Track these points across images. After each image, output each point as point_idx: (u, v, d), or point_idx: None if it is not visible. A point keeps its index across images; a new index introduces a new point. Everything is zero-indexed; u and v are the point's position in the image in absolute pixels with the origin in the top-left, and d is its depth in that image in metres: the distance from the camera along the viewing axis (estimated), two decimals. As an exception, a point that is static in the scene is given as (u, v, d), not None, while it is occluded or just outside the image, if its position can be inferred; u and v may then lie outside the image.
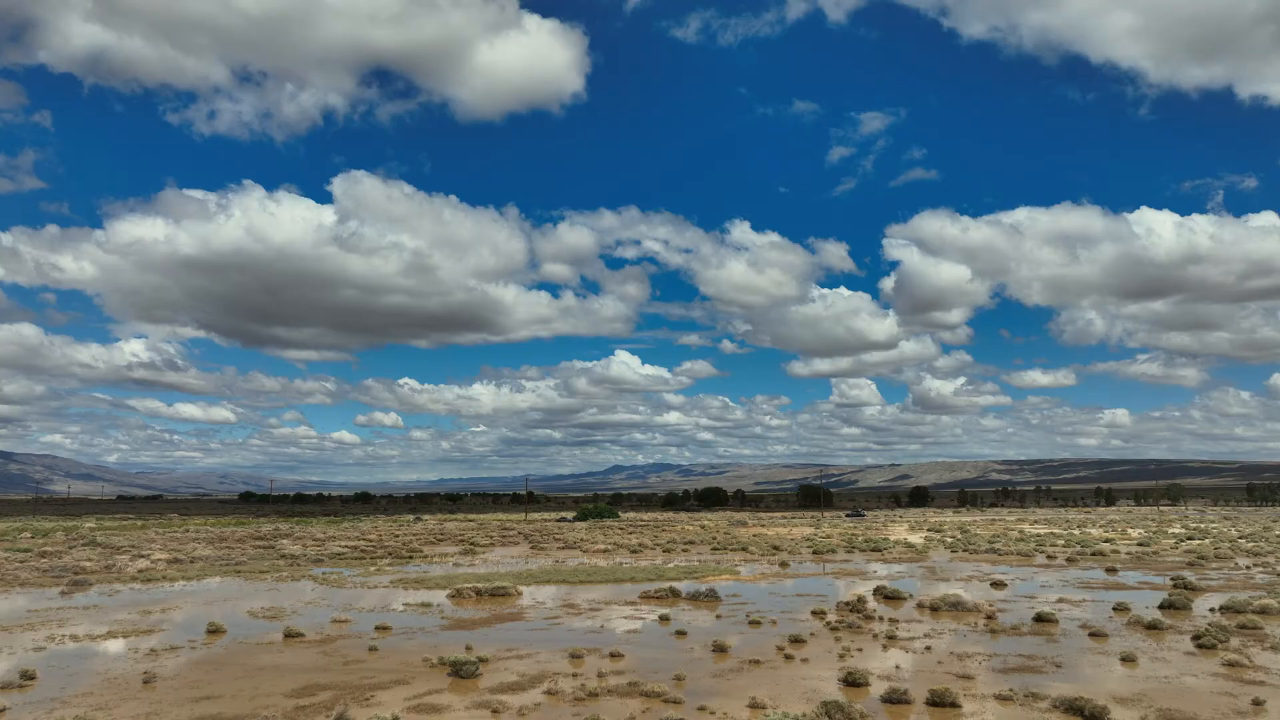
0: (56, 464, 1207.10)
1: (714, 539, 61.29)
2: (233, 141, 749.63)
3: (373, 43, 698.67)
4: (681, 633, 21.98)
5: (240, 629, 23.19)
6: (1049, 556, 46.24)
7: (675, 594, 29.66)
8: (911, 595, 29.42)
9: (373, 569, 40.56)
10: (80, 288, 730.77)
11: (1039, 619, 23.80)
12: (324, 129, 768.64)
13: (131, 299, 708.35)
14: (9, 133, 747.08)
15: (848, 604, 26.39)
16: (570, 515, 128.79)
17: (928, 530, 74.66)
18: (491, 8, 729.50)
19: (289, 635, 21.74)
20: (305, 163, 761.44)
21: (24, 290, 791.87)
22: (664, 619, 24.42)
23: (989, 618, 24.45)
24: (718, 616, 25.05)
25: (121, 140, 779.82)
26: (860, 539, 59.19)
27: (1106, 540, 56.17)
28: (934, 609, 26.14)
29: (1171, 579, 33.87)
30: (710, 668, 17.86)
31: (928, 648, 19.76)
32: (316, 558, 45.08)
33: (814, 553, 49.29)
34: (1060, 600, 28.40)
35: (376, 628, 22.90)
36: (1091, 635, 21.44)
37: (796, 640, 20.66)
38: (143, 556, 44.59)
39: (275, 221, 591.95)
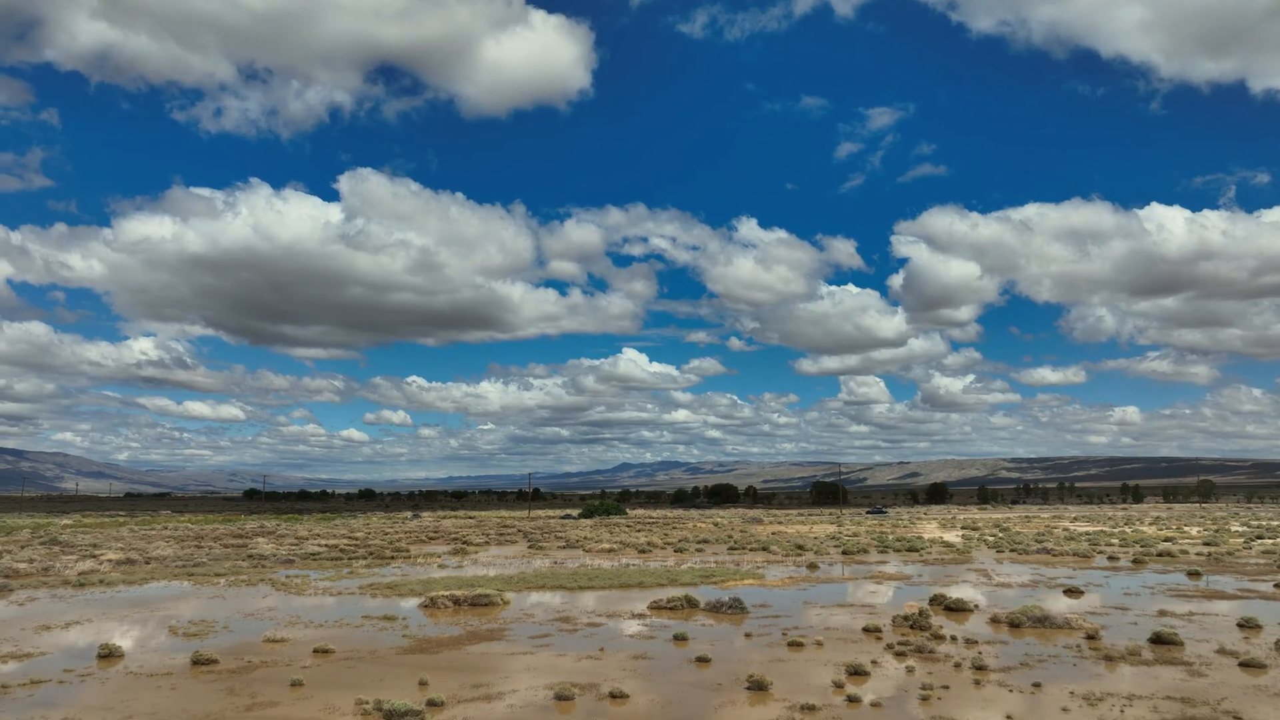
0: (67, 462, 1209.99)
1: (730, 538, 56.29)
2: (239, 139, 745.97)
3: (378, 39, 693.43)
4: (703, 659, 17.02)
5: (144, 652, 18.34)
6: (1110, 558, 41.08)
7: (692, 604, 24.71)
8: (978, 606, 24.41)
9: (345, 571, 35.75)
10: (89, 286, 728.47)
11: (1158, 640, 18.74)
12: (330, 126, 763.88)
13: (140, 297, 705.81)
14: (16, 131, 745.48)
15: (905, 618, 21.38)
16: (574, 512, 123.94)
17: (962, 528, 69.49)
18: (497, 3, 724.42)
19: (199, 662, 16.88)
20: (312, 160, 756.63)
21: (33, 289, 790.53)
22: (680, 638, 19.47)
23: (1090, 637, 19.41)
24: (747, 635, 20.07)
25: (128, 138, 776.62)
26: (891, 538, 54.07)
27: (1167, 539, 50.92)
28: (1014, 625, 21.12)
29: (1277, 585, 28.78)
30: (748, 717, 12.92)
31: (1036, 684, 14.76)
32: (287, 558, 40.31)
33: (843, 553, 44.25)
34: (1162, 613, 23.32)
35: (315, 651, 18.02)
36: (1243, 666, 16.38)
37: (857, 672, 15.69)
38: (92, 557, 39.91)
39: (282, 219, 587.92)
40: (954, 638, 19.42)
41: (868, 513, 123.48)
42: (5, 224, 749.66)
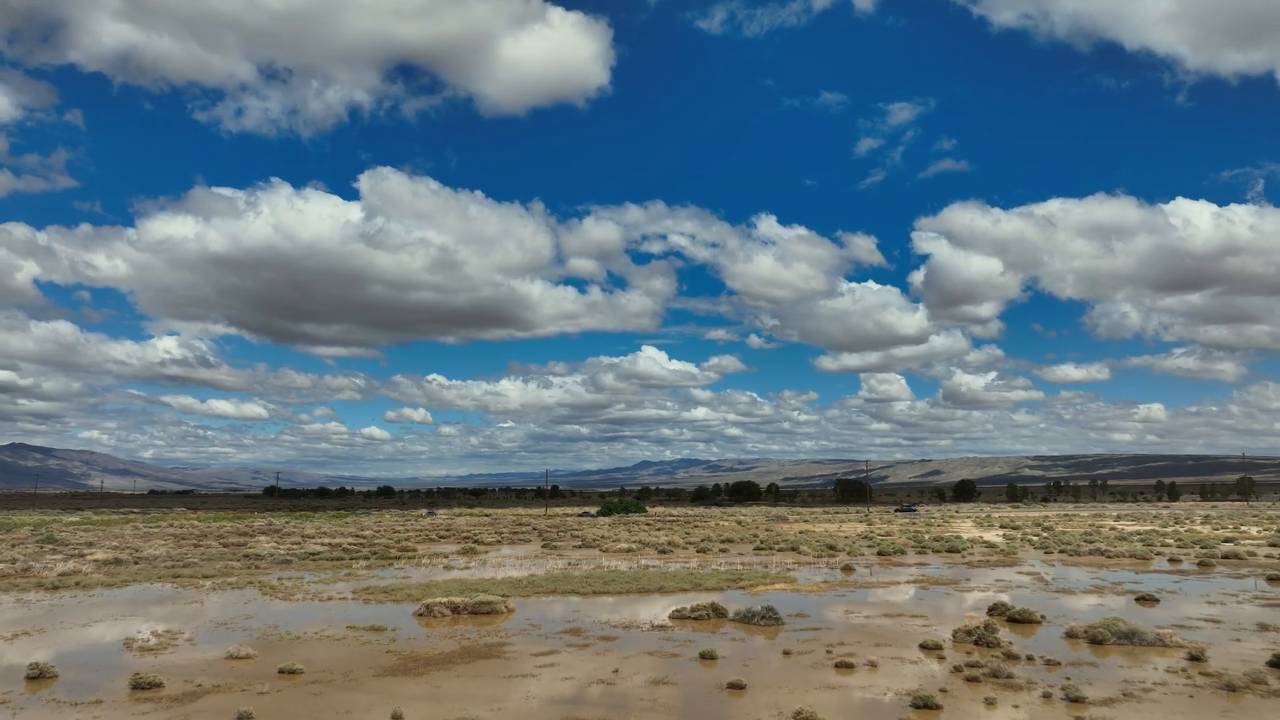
0: (94, 459, 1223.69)
1: (755, 537, 53.38)
2: (260, 139, 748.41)
3: (397, 37, 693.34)
4: (737, 686, 14.23)
5: (83, 672, 15.79)
6: (1171, 559, 37.81)
7: (719, 612, 21.89)
8: (1045, 617, 21.44)
9: (343, 574, 33.23)
10: (114, 285, 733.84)
11: (1277, 664, 15.72)
12: (350, 125, 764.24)
13: (163, 296, 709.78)
14: (42, 132, 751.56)
15: (968, 632, 18.46)
16: (592, 510, 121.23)
17: (1000, 527, 66.13)
18: (515, 1, 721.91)
19: (140, 686, 14.30)
20: (332, 159, 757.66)
21: (60, 288, 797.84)
22: (707, 657, 16.67)
23: (1194, 658, 16.42)
24: (785, 653, 17.23)
25: (151, 139, 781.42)
26: (927, 537, 50.94)
27: (1227, 539, 47.46)
28: (1095, 641, 18.14)
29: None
30: (800, 772, 10.11)
31: (1155, 725, 11.85)
32: (285, 558, 37.90)
33: (879, 554, 41.23)
34: (1263, 627, 20.23)
35: (281, 672, 15.39)
36: (1403, 698, 13.37)
37: (926, 705, 12.85)
38: (80, 557, 37.70)
39: (303, 218, 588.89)
40: (1030, 657, 16.50)
41: (897, 510, 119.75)
42: (32, 224, 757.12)
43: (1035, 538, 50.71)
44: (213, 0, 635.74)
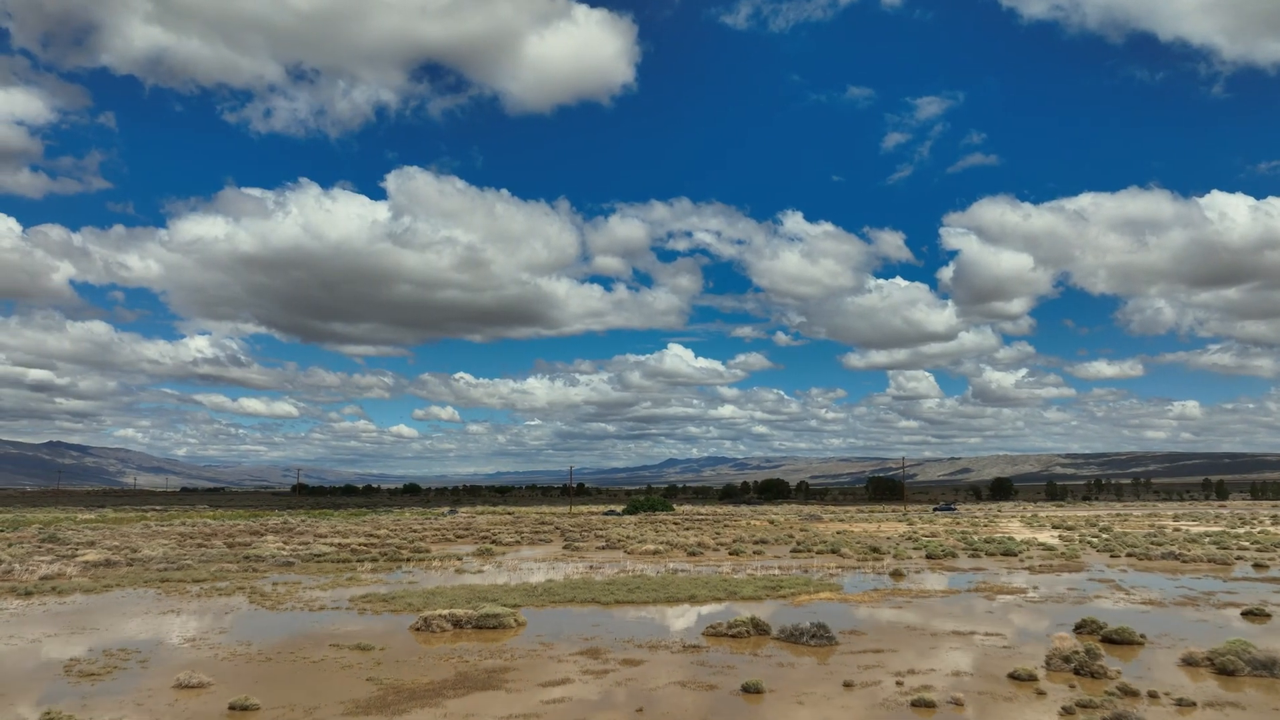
0: (129, 457, 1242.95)
1: (791, 538, 50.22)
2: (288, 139, 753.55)
3: (423, 36, 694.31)
4: (794, 735, 11.22)
5: (-3, 705, 13.13)
6: (1256, 565, 34.20)
7: (760, 629, 18.88)
8: (1146, 637, 18.19)
9: (345, 577, 30.60)
10: (146, 285, 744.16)
11: None
12: (376, 125, 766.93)
13: (195, 296, 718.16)
14: (76, 134, 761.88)
15: (1064, 658, 15.31)
16: (618, 508, 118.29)
17: (1053, 527, 62.38)
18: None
19: (52, 727, 11.58)
20: (359, 159, 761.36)
21: (94, 289, 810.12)
22: (752, 691, 13.68)
23: (1362, 698, 13.17)
24: (846, 685, 14.18)
25: (181, 140, 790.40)
26: (977, 539, 47.47)
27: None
28: (1224, 671, 14.91)
29: None
30: None
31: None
32: (288, 560, 35.37)
33: (928, 557, 37.94)
34: None
35: (231, 708, 12.62)
36: None
37: (1049, 770, 9.76)
38: (71, 558, 35.45)
39: (331, 218, 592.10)
40: (1152, 694, 13.34)
41: (935, 510, 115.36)
42: (68, 226, 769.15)
43: (1095, 539, 47.06)
44: (240, 2, 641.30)
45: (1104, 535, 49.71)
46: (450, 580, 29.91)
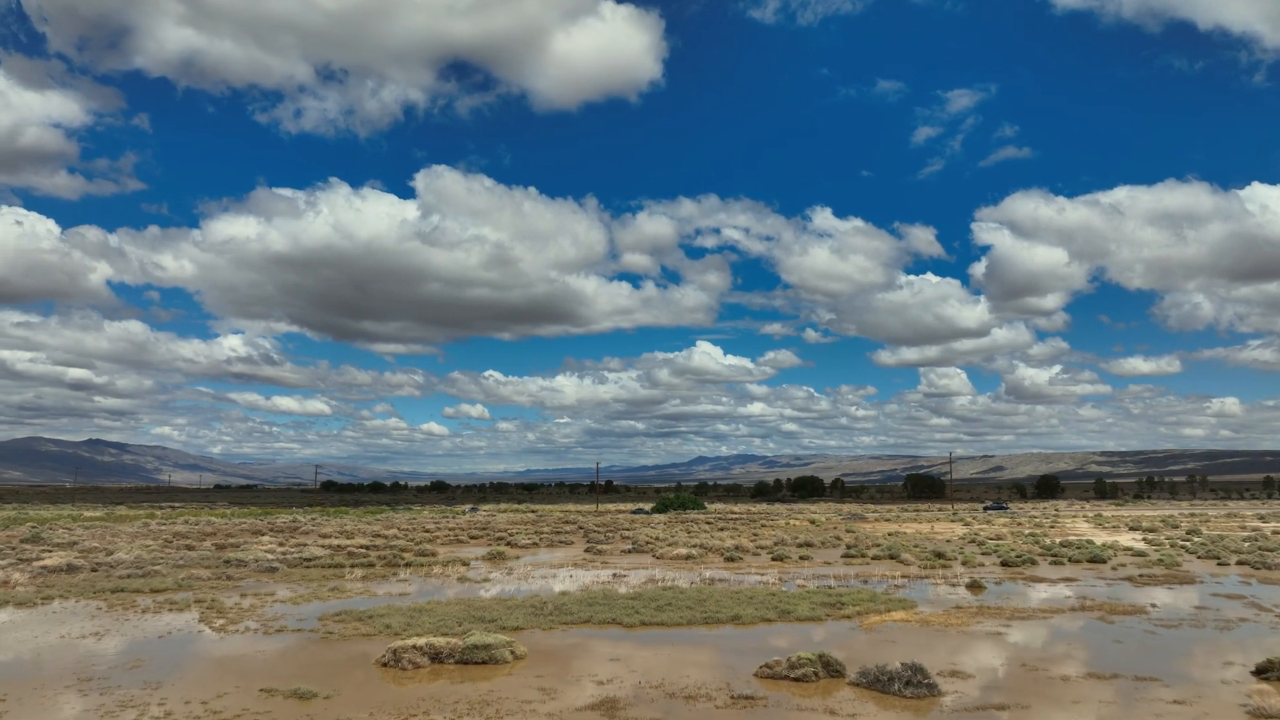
0: (166, 455, 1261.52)
1: (838, 540, 45.36)
2: (318, 139, 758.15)
3: (450, 35, 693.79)
4: None
5: None
6: (1402, 576, 28.86)
7: (831, 669, 14.27)
8: (1368, 687, 13.27)
9: (329, 587, 26.35)
10: (181, 285, 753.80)
11: None
12: (405, 124, 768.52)
13: (228, 295, 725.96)
14: (111, 136, 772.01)
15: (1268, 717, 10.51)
16: (647, 506, 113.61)
17: (1129, 529, 56.75)
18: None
19: None
20: (388, 159, 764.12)
21: (130, 289, 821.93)
22: (843, 786, 9.04)
23: None
24: (984, 775, 9.49)
25: (214, 141, 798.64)
26: (1053, 542, 42.26)
27: None
28: None
29: None
30: None
31: None
32: (272, 565, 31.23)
33: (1002, 564, 32.95)
34: None
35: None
36: None
37: None
38: (29, 561, 31.61)
39: (361, 217, 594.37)
40: None
41: (985, 509, 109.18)
42: (104, 227, 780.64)
43: (1187, 543, 41.66)
44: (270, 3, 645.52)
45: (1195, 539, 44.25)
46: (448, 591, 25.56)
